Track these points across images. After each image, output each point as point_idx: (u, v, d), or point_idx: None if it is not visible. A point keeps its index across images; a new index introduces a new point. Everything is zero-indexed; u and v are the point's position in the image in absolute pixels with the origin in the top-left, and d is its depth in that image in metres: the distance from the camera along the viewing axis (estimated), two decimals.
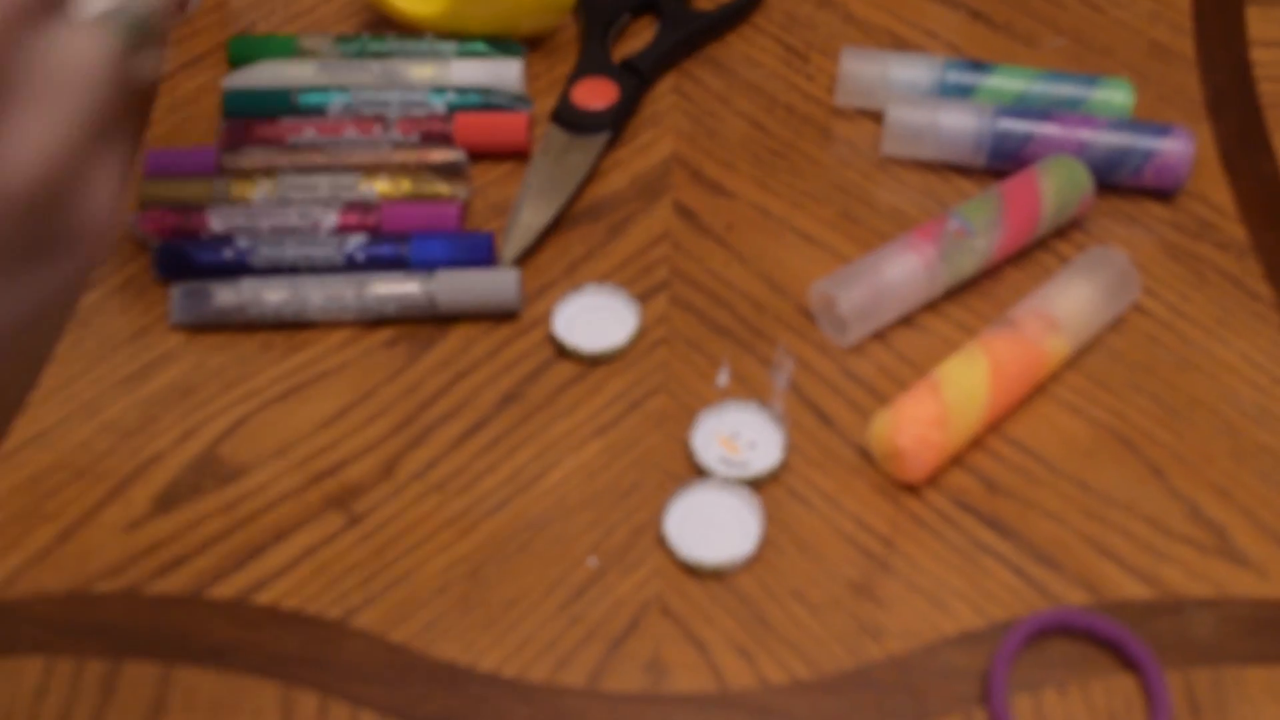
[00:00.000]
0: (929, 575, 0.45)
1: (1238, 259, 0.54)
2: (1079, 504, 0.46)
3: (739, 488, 0.46)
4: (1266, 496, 0.47)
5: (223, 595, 0.45)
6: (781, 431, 0.48)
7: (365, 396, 0.50)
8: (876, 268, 0.50)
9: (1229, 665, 0.42)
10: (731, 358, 0.51)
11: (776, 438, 0.48)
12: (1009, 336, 0.48)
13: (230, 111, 0.58)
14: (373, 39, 0.61)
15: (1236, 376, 0.50)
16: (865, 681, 0.42)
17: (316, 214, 0.53)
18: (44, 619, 0.44)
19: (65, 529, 0.46)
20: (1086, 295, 0.49)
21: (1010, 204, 0.52)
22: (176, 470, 0.48)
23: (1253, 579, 0.44)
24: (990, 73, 0.58)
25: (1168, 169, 0.54)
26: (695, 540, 0.45)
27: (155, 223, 0.53)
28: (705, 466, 0.47)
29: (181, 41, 0.64)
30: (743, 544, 0.45)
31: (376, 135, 0.56)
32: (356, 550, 0.46)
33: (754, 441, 0.48)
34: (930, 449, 0.46)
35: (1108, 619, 0.43)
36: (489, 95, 0.58)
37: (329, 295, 0.51)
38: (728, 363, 0.50)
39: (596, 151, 0.57)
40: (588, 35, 0.61)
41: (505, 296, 0.51)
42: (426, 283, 0.51)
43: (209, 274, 0.52)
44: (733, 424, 0.48)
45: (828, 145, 0.58)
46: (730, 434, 0.48)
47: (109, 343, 0.52)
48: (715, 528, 0.46)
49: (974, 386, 0.47)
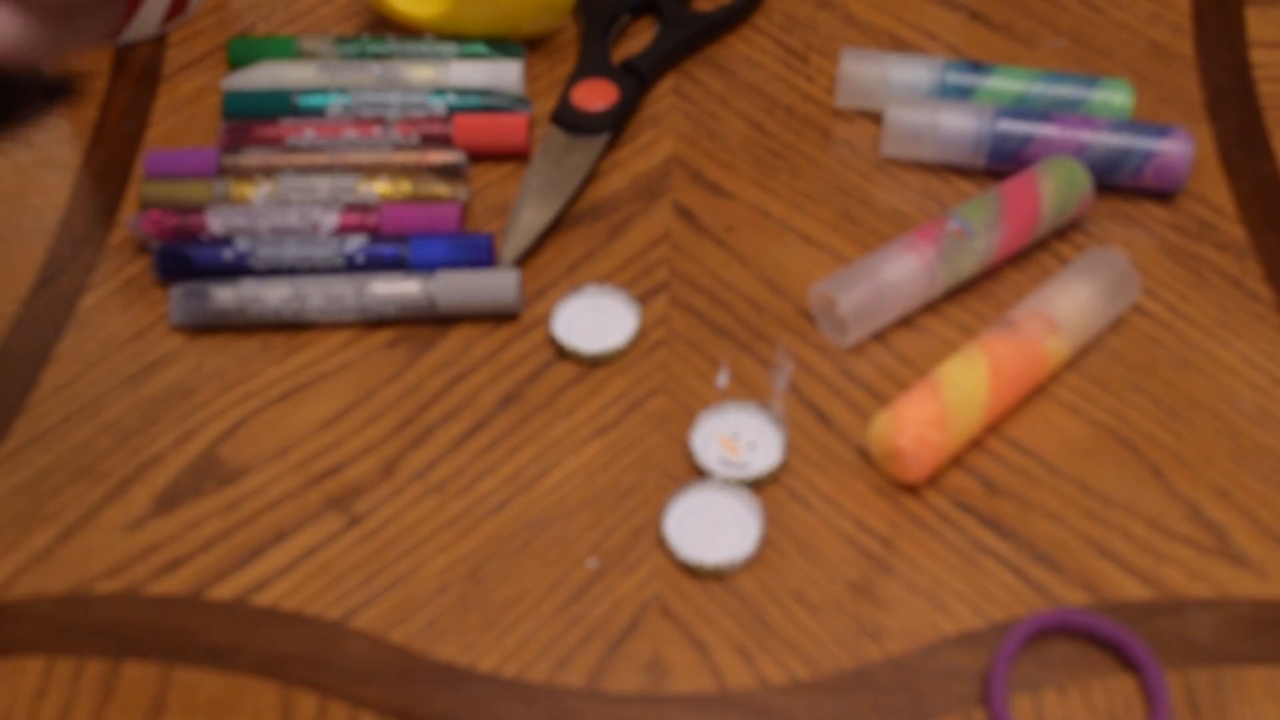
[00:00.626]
0: (928, 576, 0.45)
1: (1238, 260, 0.54)
2: (1079, 505, 0.46)
3: (739, 489, 0.46)
4: (1267, 497, 0.47)
5: (222, 596, 0.45)
6: (781, 432, 0.48)
7: (365, 397, 0.50)
8: (876, 269, 0.50)
9: (1229, 666, 0.42)
10: (731, 359, 0.51)
11: (776, 439, 0.48)
12: (1008, 338, 0.48)
13: (230, 113, 0.58)
14: (372, 40, 0.61)
15: (1236, 377, 0.50)
16: (865, 682, 0.42)
17: (316, 215, 0.53)
18: (44, 619, 0.44)
19: (65, 529, 0.46)
20: (1086, 296, 0.49)
21: (1010, 205, 0.52)
22: (177, 471, 0.48)
23: (1253, 580, 0.44)
24: (990, 74, 0.58)
25: (1168, 169, 0.54)
26: (695, 541, 0.45)
27: (155, 224, 0.53)
28: (705, 467, 0.47)
29: (181, 43, 0.64)
30: (742, 545, 0.45)
31: (376, 136, 0.57)
32: (356, 551, 0.46)
33: (754, 442, 0.48)
34: (930, 449, 0.46)
35: (1107, 619, 0.43)
36: (489, 97, 0.58)
37: (329, 296, 0.51)
38: (727, 364, 0.51)
39: (596, 153, 0.57)
40: (588, 36, 0.61)
41: (505, 297, 0.51)
42: (426, 283, 0.51)
43: (209, 275, 0.52)
44: (733, 425, 0.48)
45: (827, 146, 0.58)
46: (730, 435, 0.48)
47: (109, 343, 0.52)
48: (715, 528, 0.46)
49: (974, 387, 0.47)
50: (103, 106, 0.61)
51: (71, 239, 0.55)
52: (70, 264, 0.54)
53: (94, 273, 0.54)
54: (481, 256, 0.52)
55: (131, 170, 0.58)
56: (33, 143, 0.59)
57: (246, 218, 0.53)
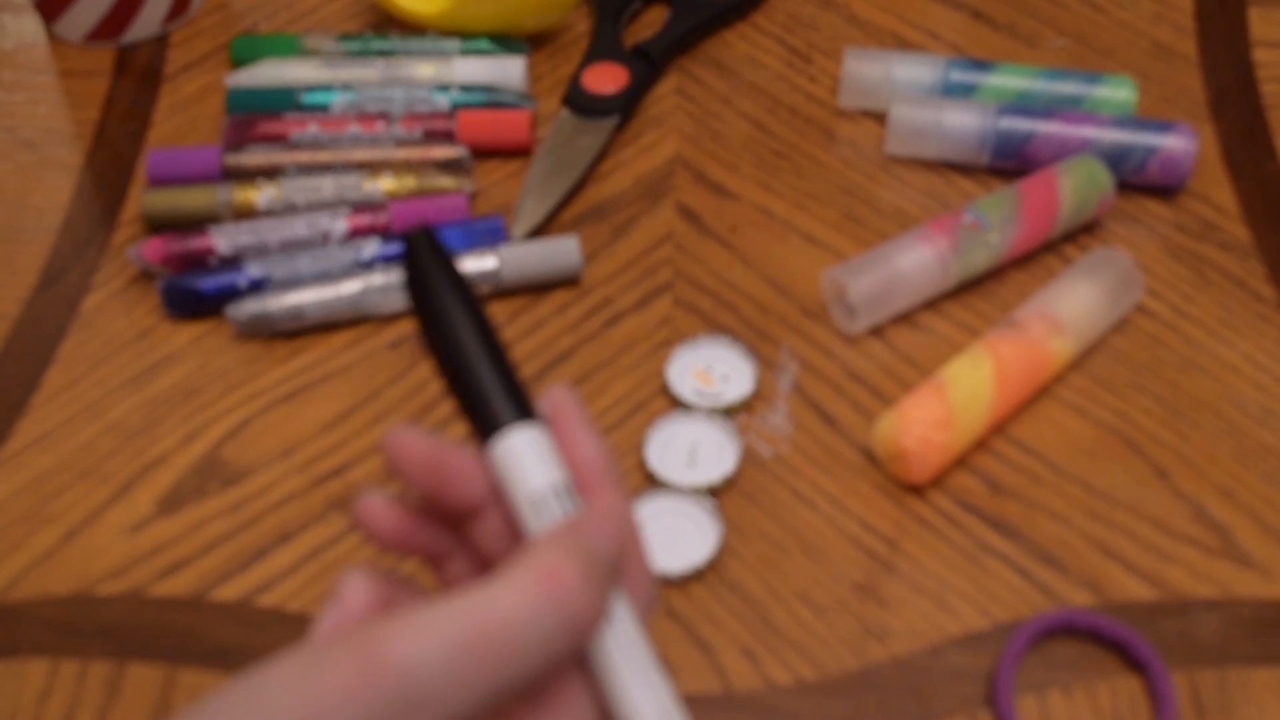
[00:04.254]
0: (933, 576, 0.45)
1: (1241, 260, 0.54)
2: (1083, 505, 0.46)
3: (699, 498, 0.46)
4: (1271, 497, 0.47)
5: (226, 597, 0.45)
6: (752, 362, 0.50)
7: (368, 398, 0.50)
8: (889, 257, 0.50)
9: (1234, 666, 0.42)
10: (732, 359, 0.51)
11: (747, 368, 0.50)
12: (1013, 338, 0.48)
13: (234, 108, 0.58)
14: (376, 37, 0.61)
15: (1240, 377, 0.50)
16: (870, 683, 0.42)
17: (325, 223, 0.53)
18: (48, 621, 0.44)
19: (69, 531, 0.46)
20: (1090, 296, 0.49)
21: (1027, 201, 0.52)
22: (180, 472, 0.48)
23: (1257, 580, 0.44)
24: (992, 71, 0.58)
25: (1172, 163, 0.54)
26: (658, 551, 0.45)
27: (158, 251, 0.52)
28: (682, 398, 0.49)
29: (183, 43, 0.64)
30: (696, 554, 0.45)
31: (380, 132, 0.56)
32: (359, 552, 0.46)
33: (726, 374, 0.49)
34: (935, 450, 0.46)
35: (1113, 620, 0.43)
36: (492, 93, 0.58)
37: (396, 283, 0.51)
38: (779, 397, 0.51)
39: (606, 135, 0.57)
40: (600, 21, 0.62)
41: (569, 261, 0.52)
42: (483, 259, 0.51)
43: (222, 302, 0.51)
44: (706, 358, 0.50)
45: (831, 146, 0.58)
46: (704, 367, 0.50)
47: (112, 344, 0.52)
48: (675, 537, 0.45)
49: (978, 388, 0.47)
50: (105, 107, 0.61)
51: (74, 240, 0.55)
52: (73, 264, 0.54)
53: (97, 273, 0.54)
54: (495, 239, 0.52)
55: (134, 171, 0.58)
56: (35, 143, 0.59)
57: (254, 233, 0.52)
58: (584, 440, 0.31)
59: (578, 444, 0.31)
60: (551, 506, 0.29)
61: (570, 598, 0.27)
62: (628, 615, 0.29)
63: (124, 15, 0.62)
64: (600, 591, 0.28)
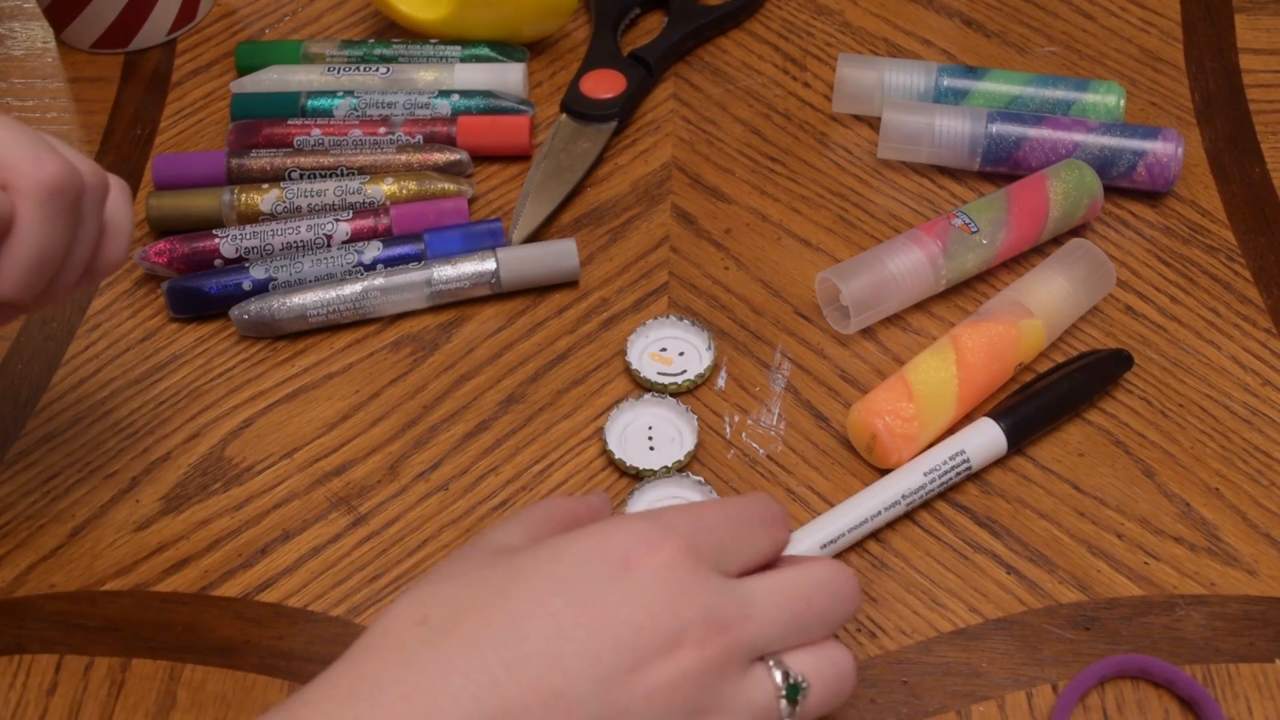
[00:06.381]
0: (924, 574, 0.45)
1: (1227, 262, 0.54)
2: (1071, 504, 0.47)
3: (699, 486, 0.47)
4: (1256, 496, 0.47)
5: (230, 594, 0.45)
6: (706, 335, 0.51)
7: (370, 398, 0.51)
8: (880, 260, 0.51)
9: (1219, 662, 0.43)
10: (729, 360, 0.51)
11: (701, 343, 0.51)
12: (976, 324, 0.49)
13: (238, 114, 0.59)
14: (378, 44, 0.61)
15: (1226, 378, 0.51)
16: (861, 678, 0.43)
17: (327, 226, 0.53)
18: (54, 617, 0.45)
19: (76, 528, 0.47)
20: (1058, 284, 0.50)
21: (1017, 204, 0.53)
22: (185, 470, 0.49)
23: (1243, 577, 0.45)
24: (983, 77, 0.58)
25: (1159, 167, 0.55)
26: None
27: (164, 254, 0.53)
28: (646, 379, 0.49)
29: (191, 49, 0.64)
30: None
31: (382, 137, 0.57)
32: (362, 550, 0.46)
33: (683, 352, 0.51)
34: (903, 424, 0.46)
35: (1167, 665, 0.42)
36: (492, 98, 0.59)
37: (397, 284, 0.52)
38: (726, 365, 0.51)
39: (604, 140, 0.58)
40: (598, 28, 0.63)
41: (567, 264, 0.52)
42: (481, 263, 0.52)
43: (226, 304, 0.52)
44: (661, 339, 0.51)
45: (824, 151, 0.59)
46: (659, 349, 0.51)
47: (119, 345, 0.52)
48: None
49: (940, 367, 0.48)
50: (112, 112, 0.61)
51: None
52: None
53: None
54: (495, 242, 0.53)
55: (141, 176, 0.59)
56: None
57: (257, 236, 0.53)
58: None
59: None
60: None
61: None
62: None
63: (131, 23, 0.63)
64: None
